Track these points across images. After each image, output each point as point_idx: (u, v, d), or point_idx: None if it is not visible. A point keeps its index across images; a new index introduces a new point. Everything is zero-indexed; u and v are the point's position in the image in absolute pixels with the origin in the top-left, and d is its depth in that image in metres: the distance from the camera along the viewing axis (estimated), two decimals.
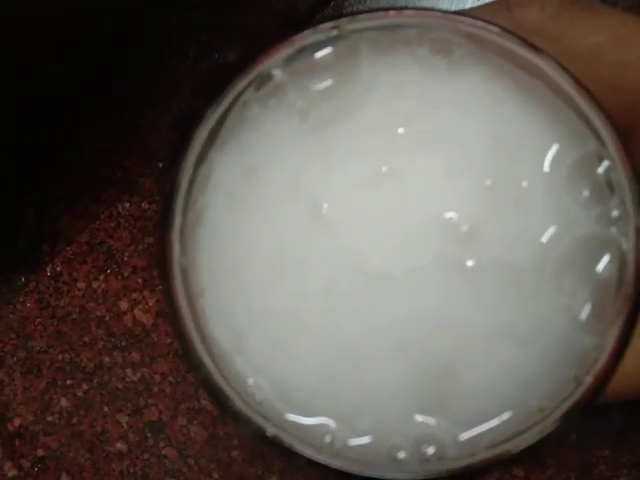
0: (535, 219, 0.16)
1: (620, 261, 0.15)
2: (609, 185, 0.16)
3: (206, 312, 0.16)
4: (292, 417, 0.16)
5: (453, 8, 0.31)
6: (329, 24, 0.16)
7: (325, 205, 0.16)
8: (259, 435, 0.15)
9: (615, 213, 0.16)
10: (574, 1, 0.19)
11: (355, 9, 0.34)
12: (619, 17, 0.19)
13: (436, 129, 0.16)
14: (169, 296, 0.15)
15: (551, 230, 0.16)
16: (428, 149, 0.16)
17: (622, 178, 0.15)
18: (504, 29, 0.16)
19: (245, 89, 0.16)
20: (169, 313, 0.15)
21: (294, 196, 0.16)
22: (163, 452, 0.33)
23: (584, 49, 0.18)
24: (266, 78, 0.16)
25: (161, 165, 0.35)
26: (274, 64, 0.16)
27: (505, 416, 0.15)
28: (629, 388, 0.19)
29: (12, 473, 0.33)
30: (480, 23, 0.16)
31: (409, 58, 0.16)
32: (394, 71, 0.17)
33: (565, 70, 0.15)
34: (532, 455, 0.27)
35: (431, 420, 0.16)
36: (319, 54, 0.16)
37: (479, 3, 0.31)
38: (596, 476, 0.31)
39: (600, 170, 0.16)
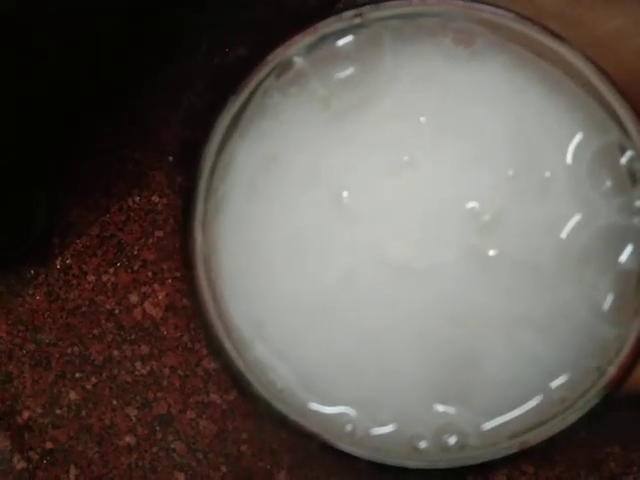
0: (557, 209, 0.16)
1: None
2: (632, 176, 0.16)
3: (227, 299, 0.16)
4: (313, 405, 0.15)
5: None
6: (352, 12, 0.16)
7: (346, 194, 0.16)
8: (280, 422, 0.15)
9: (638, 203, 0.16)
10: None
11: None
12: (638, 2, 0.19)
13: (458, 119, 0.16)
14: (191, 283, 0.15)
15: (574, 220, 0.16)
16: (450, 139, 0.16)
17: None
18: (526, 17, 0.16)
19: (266, 77, 0.16)
20: (191, 299, 0.15)
21: (315, 184, 0.16)
22: (172, 446, 0.33)
23: (604, 34, 0.18)
24: (287, 66, 0.16)
25: (171, 159, 0.35)
26: (295, 52, 0.16)
27: (527, 406, 0.15)
28: None
29: (21, 465, 0.33)
30: (502, 11, 0.16)
31: (432, 48, 0.16)
32: (417, 61, 0.17)
33: (588, 58, 0.15)
34: (553, 446, 0.27)
35: (452, 409, 0.16)
36: (341, 42, 0.16)
37: None
38: (606, 473, 0.31)
39: (623, 160, 0.16)
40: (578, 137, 0.16)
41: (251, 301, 0.16)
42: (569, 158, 0.16)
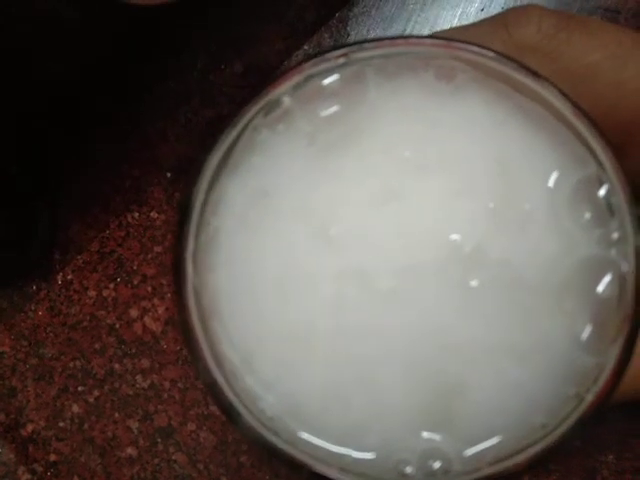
0: (538, 241, 0.17)
1: (620, 282, 0.16)
2: (609, 208, 0.16)
3: (217, 331, 0.16)
4: (302, 434, 0.16)
5: (456, 23, 0.32)
6: (337, 52, 0.16)
7: (333, 226, 0.17)
8: (270, 450, 0.15)
9: (615, 235, 0.16)
10: (570, 19, 0.19)
11: (360, 21, 0.34)
12: (615, 36, 0.19)
13: (440, 152, 0.17)
14: (182, 315, 0.15)
15: (553, 251, 0.17)
16: (433, 172, 0.17)
17: (621, 201, 0.16)
18: (504, 55, 0.16)
19: (255, 115, 0.17)
20: (183, 333, 0.15)
21: (303, 217, 0.17)
22: (173, 457, 0.34)
23: (580, 68, 0.19)
24: (275, 104, 0.17)
25: (169, 175, 0.35)
26: (283, 91, 0.17)
27: (509, 432, 0.16)
28: (634, 389, 0.20)
29: (25, 477, 0.34)
30: (481, 50, 0.16)
31: (414, 83, 0.17)
32: (399, 96, 0.17)
33: (564, 95, 0.16)
34: (533, 470, 0.28)
35: (437, 436, 0.16)
36: (326, 81, 0.17)
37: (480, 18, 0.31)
38: None
39: (601, 193, 0.16)
40: (557, 171, 0.17)
41: (241, 332, 0.17)
42: (549, 191, 0.17)
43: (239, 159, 0.17)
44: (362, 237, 0.17)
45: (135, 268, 0.35)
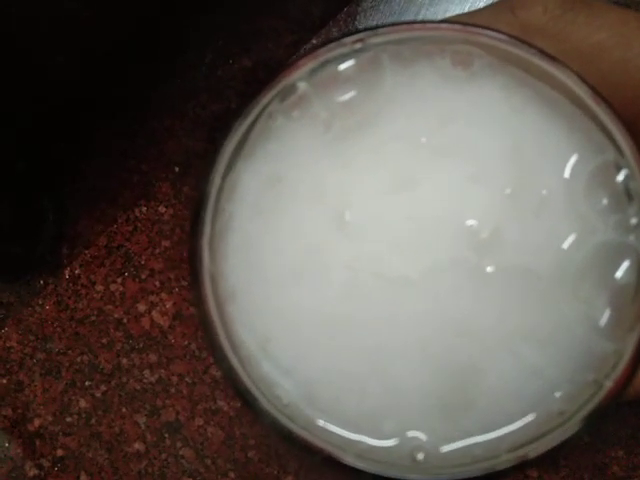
0: (555, 227, 0.17)
1: (638, 268, 0.16)
2: (627, 193, 0.16)
3: (234, 317, 0.16)
4: (318, 420, 0.16)
5: (467, 9, 0.32)
6: (353, 37, 0.16)
7: (348, 212, 0.17)
8: (286, 437, 0.15)
9: (634, 221, 0.16)
10: (576, 0, 0.19)
11: (368, 16, 0.34)
12: (620, 15, 0.19)
13: (457, 138, 0.17)
14: (199, 302, 0.15)
15: (571, 238, 0.16)
16: (449, 158, 0.17)
17: (639, 185, 0.15)
18: (521, 39, 0.16)
19: (270, 101, 0.17)
20: (199, 319, 0.15)
21: (318, 204, 0.17)
22: (180, 452, 0.33)
23: (587, 48, 0.19)
24: (290, 90, 0.17)
25: (177, 169, 0.35)
26: (298, 77, 0.17)
27: (527, 419, 0.16)
28: None
29: (33, 472, 0.34)
30: (498, 35, 0.16)
31: (431, 70, 0.17)
32: (416, 82, 0.17)
33: (582, 80, 0.16)
34: (551, 458, 0.27)
35: (454, 422, 0.16)
36: (342, 66, 0.17)
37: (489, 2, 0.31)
38: (610, 477, 0.32)
39: (619, 179, 0.16)
40: (575, 156, 0.17)
41: (257, 319, 0.17)
42: (566, 176, 0.17)
43: (254, 146, 0.17)
44: (377, 224, 0.17)
45: (143, 262, 0.35)
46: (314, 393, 0.16)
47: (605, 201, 0.16)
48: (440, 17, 0.33)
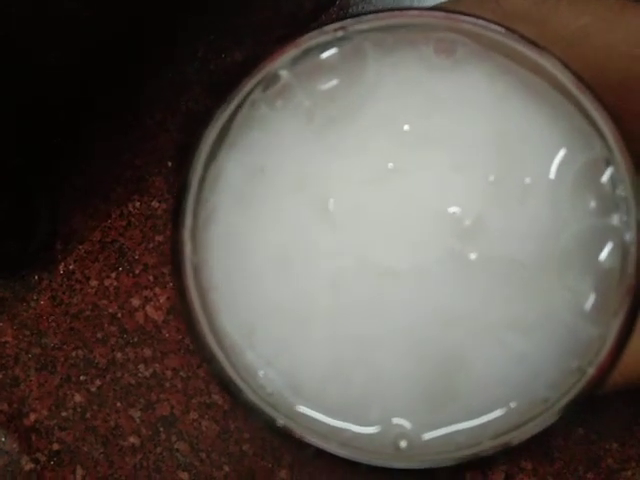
0: (538, 214, 0.16)
1: (623, 251, 0.16)
2: (612, 179, 0.16)
3: (217, 307, 0.16)
4: (302, 408, 0.16)
5: None
6: (335, 25, 0.16)
7: (331, 201, 0.17)
8: (270, 426, 0.15)
9: (618, 206, 0.16)
10: None
11: (360, 8, 0.34)
12: (603, 1, 0.19)
13: (441, 126, 0.17)
14: (181, 293, 0.15)
15: (554, 224, 0.16)
16: (433, 145, 0.17)
17: (623, 171, 0.15)
18: (505, 26, 0.16)
19: (253, 90, 0.17)
20: (182, 309, 0.15)
21: (301, 193, 0.17)
22: (175, 446, 0.34)
23: (570, 33, 0.19)
24: (273, 79, 0.17)
25: (170, 164, 0.35)
26: (281, 65, 0.17)
27: (510, 406, 0.16)
28: (637, 374, 0.19)
29: (29, 467, 0.34)
30: (482, 22, 0.16)
31: (414, 57, 0.17)
32: (399, 70, 0.17)
33: (566, 66, 0.16)
34: (536, 446, 0.27)
35: (438, 409, 0.16)
36: (325, 55, 0.17)
37: None
38: (604, 469, 0.32)
39: (603, 165, 0.16)
40: (558, 143, 0.17)
41: (241, 309, 0.17)
42: (549, 164, 0.17)
43: (237, 135, 0.17)
44: (361, 212, 0.17)
45: (137, 257, 0.35)
46: (298, 382, 0.16)
47: (590, 187, 0.16)
48: (429, 4, 0.32)
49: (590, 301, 0.16)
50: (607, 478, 0.31)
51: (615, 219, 0.16)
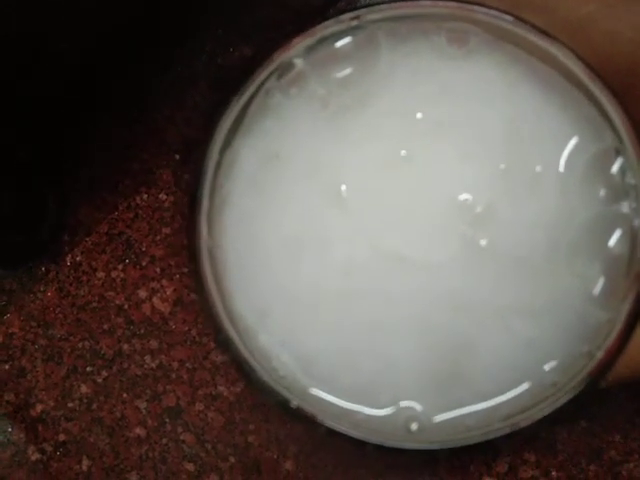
0: (548, 201, 0.17)
1: (632, 238, 0.16)
2: (622, 166, 0.16)
3: (231, 290, 0.17)
4: (315, 390, 0.16)
5: None
6: (349, 14, 0.16)
7: (344, 188, 0.17)
8: (284, 407, 0.15)
9: (627, 192, 0.16)
10: None
11: (367, 1, 0.34)
12: None
13: (453, 114, 0.17)
14: (197, 276, 0.15)
15: (564, 210, 0.17)
16: (445, 133, 0.17)
17: (633, 159, 0.16)
18: (516, 16, 0.16)
19: (267, 78, 0.17)
20: (197, 292, 0.16)
21: (315, 180, 0.17)
22: (181, 437, 0.34)
23: (576, 20, 0.19)
24: (288, 67, 0.17)
25: (178, 157, 0.36)
26: (295, 53, 0.17)
27: (520, 389, 0.16)
28: None
29: (35, 457, 0.34)
30: (494, 12, 0.16)
31: (426, 47, 0.17)
32: (412, 59, 0.17)
33: (576, 55, 0.16)
34: (545, 433, 0.27)
35: (447, 392, 0.16)
36: (339, 43, 0.17)
37: None
38: (607, 461, 0.32)
39: (612, 153, 0.16)
40: (569, 132, 0.17)
41: (255, 292, 0.17)
42: (560, 152, 0.17)
43: (252, 122, 0.17)
44: (373, 199, 0.17)
45: (144, 249, 0.35)
46: (310, 365, 0.16)
47: (600, 174, 0.17)
48: None
49: (599, 286, 0.16)
50: (610, 470, 0.31)
51: (625, 206, 0.16)
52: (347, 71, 0.17)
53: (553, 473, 0.31)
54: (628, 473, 0.31)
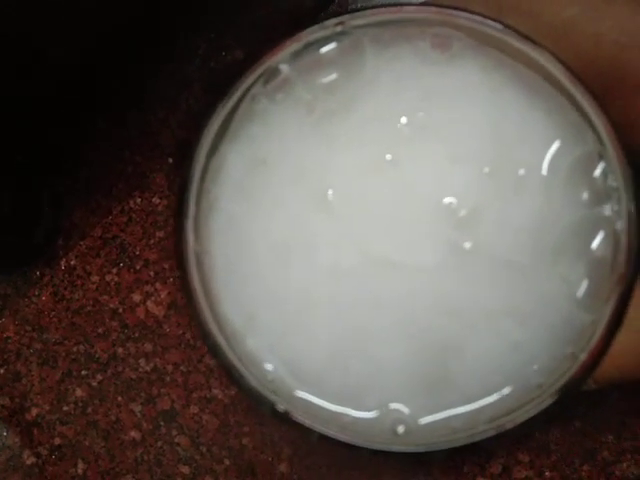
0: (532, 204, 0.17)
1: (614, 240, 0.16)
2: (604, 170, 0.17)
3: (219, 295, 0.17)
4: (302, 394, 0.16)
5: None
6: (334, 20, 0.16)
7: (330, 192, 0.17)
8: (271, 411, 0.15)
9: (610, 194, 0.16)
10: None
11: (359, 5, 0.34)
12: None
13: (437, 118, 0.17)
14: (184, 281, 0.16)
15: (548, 213, 0.17)
16: (429, 137, 0.17)
17: (615, 162, 0.16)
18: (499, 21, 0.16)
19: (253, 84, 0.17)
20: (185, 298, 0.16)
21: (301, 184, 0.17)
22: (176, 440, 0.34)
23: (560, 23, 0.19)
24: (274, 73, 0.17)
25: (171, 160, 0.36)
26: (281, 59, 0.17)
27: (505, 391, 0.16)
28: (630, 367, 0.20)
29: (30, 461, 0.34)
30: (477, 17, 0.16)
31: (410, 52, 0.17)
32: (396, 64, 0.17)
33: (559, 60, 0.16)
34: (533, 438, 0.27)
35: (434, 395, 0.16)
36: (324, 49, 0.17)
37: None
38: (600, 462, 0.32)
39: (595, 157, 0.17)
40: (551, 136, 0.17)
41: (242, 297, 0.17)
42: (543, 155, 0.17)
43: (238, 128, 0.17)
44: (360, 203, 0.17)
45: (138, 253, 0.35)
46: (298, 368, 0.17)
47: (583, 177, 0.17)
48: None
49: (583, 288, 0.16)
50: (603, 470, 0.32)
51: (607, 209, 0.16)
52: (332, 76, 0.17)
53: (547, 473, 0.32)
54: (621, 473, 0.31)
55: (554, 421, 0.30)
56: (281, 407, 0.16)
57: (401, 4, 0.16)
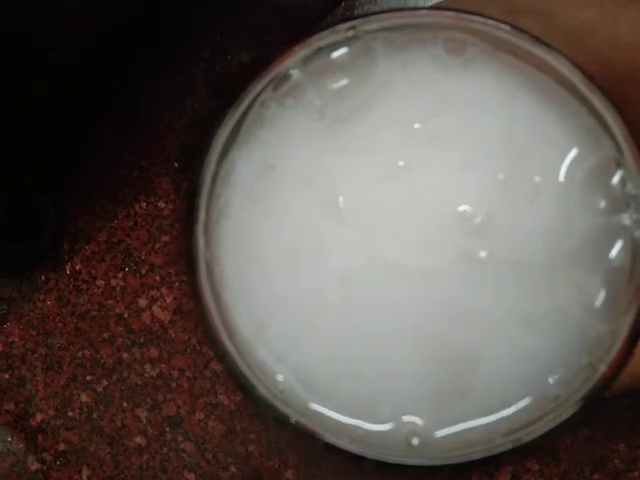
0: (547, 211, 0.17)
1: (633, 249, 0.16)
2: (622, 177, 0.16)
3: (229, 302, 0.16)
4: (314, 406, 0.16)
5: None
6: (345, 25, 0.16)
7: (342, 199, 0.17)
8: (282, 422, 0.15)
9: (628, 202, 0.16)
10: None
11: (365, 9, 0.34)
12: None
13: (450, 124, 0.17)
14: (194, 288, 0.15)
15: (563, 221, 0.16)
16: (443, 144, 0.17)
17: (633, 170, 0.16)
18: (513, 26, 0.16)
19: (263, 89, 0.17)
20: (194, 305, 0.15)
21: (311, 191, 0.17)
22: (181, 446, 0.34)
23: (576, 26, 0.19)
24: (284, 78, 0.17)
25: (177, 165, 0.36)
26: (291, 64, 0.17)
27: (522, 403, 0.16)
28: None
29: (35, 467, 0.34)
30: (491, 22, 0.16)
31: (423, 57, 0.17)
32: (409, 69, 0.17)
33: (575, 66, 0.16)
34: (548, 443, 0.27)
35: (449, 406, 0.16)
36: (335, 54, 0.17)
37: None
38: (610, 470, 0.32)
39: (612, 165, 0.16)
40: (567, 141, 0.17)
41: (252, 305, 0.17)
42: (559, 162, 0.17)
43: (248, 134, 0.17)
44: (371, 209, 0.17)
45: (143, 258, 0.35)
46: (309, 378, 0.16)
47: (599, 184, 0.16)
48: (435, 1, 0.33)
49: (600, 298, 0.16)
50: (613, 479, 0.31)
51: (625, 217, 0.16)
52: (343, 82, 0.17)
53: None
54: None
55: (564, 432, 0.29)
56: (293, 419, 0.15)
57: (413, 8, 0.16)
